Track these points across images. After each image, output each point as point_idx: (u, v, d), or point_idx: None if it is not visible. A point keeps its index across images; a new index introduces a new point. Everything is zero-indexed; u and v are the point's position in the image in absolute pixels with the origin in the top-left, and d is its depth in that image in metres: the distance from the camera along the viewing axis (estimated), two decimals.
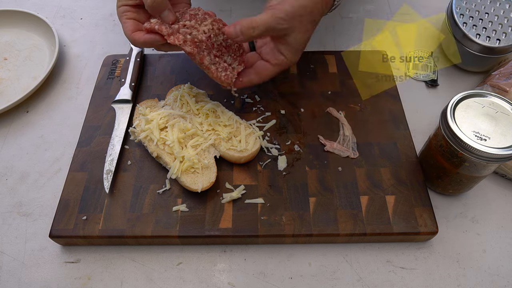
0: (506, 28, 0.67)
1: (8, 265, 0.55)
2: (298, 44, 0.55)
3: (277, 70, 0.57)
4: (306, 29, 0.54)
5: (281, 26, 0.52)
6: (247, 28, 0.52)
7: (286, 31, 0.53)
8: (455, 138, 0.49)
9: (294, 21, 0.53)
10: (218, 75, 0.56)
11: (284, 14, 0.52)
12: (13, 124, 0.69)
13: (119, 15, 0.57)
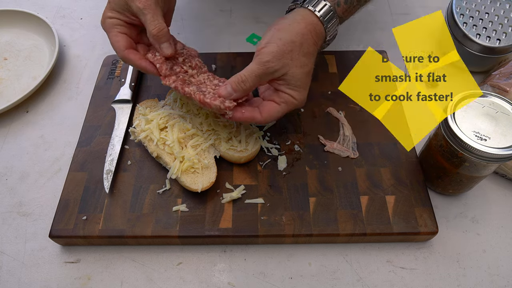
0: (506, 28, 0.67)
1: (8, 265, 0.55)
2: (297, 81, 0.52)
3: (284, 109, 0.53)
4: (302, 63, 0.52)
5: (271, 69, 0.51)
6: (237, 84, 0.51)
7: (279, 71, 0.51)
8: (455, 138, 0.49)
9: (284, 59, 0.51)
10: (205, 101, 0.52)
11: (271, 56, 0.50)
12: (13, 124, 0.69)
13: (108, 26, 0.55)
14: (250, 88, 0.52)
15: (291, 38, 0.52)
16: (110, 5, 0.55)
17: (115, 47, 0.55)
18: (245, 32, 0.81)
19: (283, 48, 0.51)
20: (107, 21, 0.55)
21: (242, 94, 0.52)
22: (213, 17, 0.85)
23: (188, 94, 0.53)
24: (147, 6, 0.52)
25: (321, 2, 0.54)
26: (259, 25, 0.82)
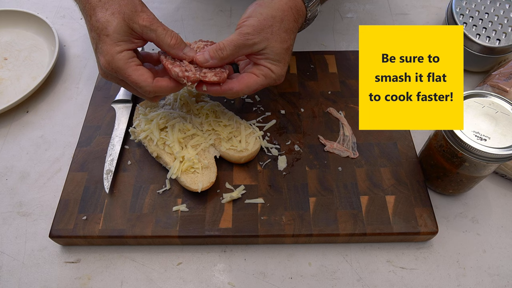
0: (506, 28, 0.68)
1: (8, 265, 0.55)
2: (276, 55, 0.52)
3: (262, 81, 0.53)
4: (282, 39, 0.52)
5: (251, 41, 0.51)
6: (214, 51, 0.51)
7: (259, 45, 0.51)
8: (455, 138, 0.49)
9: (264, 33, 0.51)
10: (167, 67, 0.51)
11: (251, 29, 0.51)
12: (13, 124, 0.69)
13: (123, 63, 0.48)
14: (227, 56, 0.51)
15: (272, 13, 0.52)
16: (112, 39, 0.48)
17: (143, 83, 0.49)
18: None
19: (263, 22, 0.51)
20: (118, 57, 0.48)
21: (218, 62, 0.52)
22: (213, 17, 0.85)
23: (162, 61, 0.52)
24: (153, 21, 0.49)
25: None
26: None
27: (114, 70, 0.49)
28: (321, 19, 0.84)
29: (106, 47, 0.48)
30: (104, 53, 0.48)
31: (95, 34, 0.48)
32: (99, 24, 0.47)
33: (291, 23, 0.53)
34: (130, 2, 0.49)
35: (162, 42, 0.50)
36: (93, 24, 0.48)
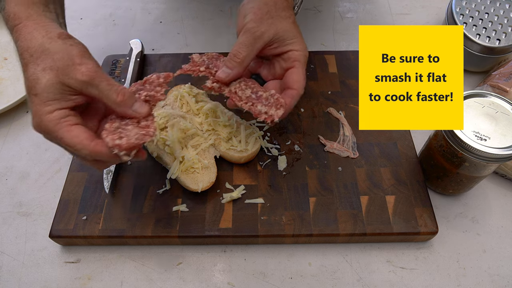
0: (506, 28, 0.68)
1: (8, 265, 0.55)
2: (289, 32, 0.51)
3: (301, 67, 0.52)
4: (284, 16, 0.51)
5: (259, 32, 0.49)
6: (230, 60, 0.50)
7: (268, 33, 0.50)
8: (455, 138, 0.49)
9: (265, 20, 0.50)
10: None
11: (253, 22, 0.50)
12: (13, 124, 0.69)
13: (53, 124, 0.41)
14: (244, 59, 0.50)
15: (263, 1, 0.51)
16: (40, 98, 0.41)
17: (78, 146, 0.41)
18: None
19: (259, 12, 0.50)
20: (47, 118, 0.41)
21: (239, 68, 0.50)
22: (213, 17, 0.85)
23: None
24: (94, 75, 0.42)
25: None
26: None
27: (45, 133, 0.42)
28: (321, 19, 0.84)
29: (34, 107, 0.41)
30: (33, 114, 0.41)
31: (26, 93, 0.42)
32: (28, 82, 0.41)
33: (284, 1, 0.53)
34: (66, 54, 0.42)
35: (106, 99, 0.43)
36: (24, 82, 0.42)
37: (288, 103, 0.50)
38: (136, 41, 0.74)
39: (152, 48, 0.79)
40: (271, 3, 0.51)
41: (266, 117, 0.50)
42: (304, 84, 0.52)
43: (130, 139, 0.43)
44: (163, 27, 0.83)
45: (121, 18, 0.85)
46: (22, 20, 0.44)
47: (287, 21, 0.52)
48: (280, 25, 0.51)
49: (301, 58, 0.52)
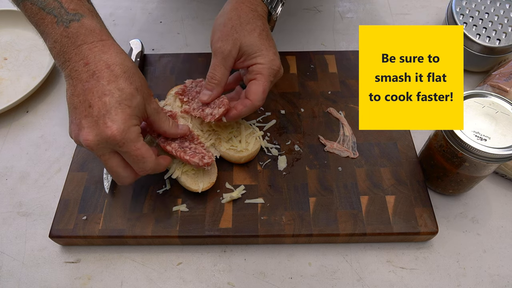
0: (506, 28, 0.68)
1: (8, 265, 0.55)
2: (253, 46, 0.52)
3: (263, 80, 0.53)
4: (249, 30, 0.53)
5: (225, 50, 0.52)
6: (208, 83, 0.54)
7: (234, 49, 0.52)
8: (455, 138, 0.49)
9: (230, 36, 0.52)
10: (184, 159, 0.53)
11: (219, 41, 0.52)
12: (13, 124, 0.69)
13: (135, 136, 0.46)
14: (221, 79, 0.54)
15: (227, 16, 0.53)
16: (132, 111, 0.45)
17: (150, 158, 0.47)
18: None
19: (224, 29, 0.53)
20: (133, 129, 0.45)
21: (218, 89, 0.54)
22: (213, 17, 0.84)
23: (170, 152, 0.54)
24: (159, 107, 0.51)
25: None
26: None
27: (122, 141, 0.44)
28: (321, 19, 0.84)
29: (124, 116, 0.44)
30: (119, 122, 0.44)
31: (112, 99, 0.44)
32: (121, 93, 0.45)
33: (250, 13, 0.54)
34: (146, 85, 0.49)
35: (163, 124, 0.51)
36: (110, 90, 0.44)
37: (239, 110, 0.54)
38: (136, 41, 0.74)
39: (152, 48, 0.79)
40: (235, 17, 0.53)
41: (211, 117, 0.54)
42: (262, 96, 0.53)
43: (210, 157, 0.54)
44: (163, 27, 0.83)
45: (121, 18, 0.85)
46: (101, 35, 0.47)
47: (252, 34, 0.53)
48: (245, 39, 0.52)
49: (263, 71, 0.53)
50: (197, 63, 0.73)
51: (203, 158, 0.53)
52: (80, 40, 0.46)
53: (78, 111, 0.45)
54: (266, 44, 0.53)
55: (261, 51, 0.53)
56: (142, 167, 0.47)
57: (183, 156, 0.53)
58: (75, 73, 0.45)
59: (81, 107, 0.44)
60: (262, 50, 0.53)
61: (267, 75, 0.53)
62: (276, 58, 0.54)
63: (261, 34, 0.53)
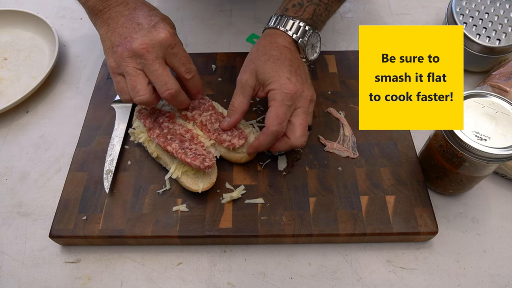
0: (506, 28, 0.68)
1: (8, 265, 0.55)
2: (266, 73, 0.54)
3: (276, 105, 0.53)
4: (264, 59, 0.55)
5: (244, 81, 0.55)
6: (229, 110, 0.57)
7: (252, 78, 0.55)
8: (455, 138, 0.49)
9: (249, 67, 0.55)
10: (186, 161, 0.54)
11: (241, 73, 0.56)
12: (13, 124, 0.69)
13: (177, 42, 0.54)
14: (238, 106, 0.56)
15: (251, 51, 0.58)
16: (173, 26, 0.55)
17: (170, 79, 0.53)
18: (245, 32, 0.81)
19: (245, 62, 0.57)
20: (178, 39, 0.55)
21: (235, 115, 0.56)
22: (213, 17, 0.85)
23: (170, 153, 0.55)
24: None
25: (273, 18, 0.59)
26: (259, 25, 0.82)
27: (174, 42, 0.53)
28: None
29: (170, 27, 0.54)
30: (168, 28, 0.53)
31: (156, 18, 0.54)
32: (162, 15, 0.55)
33: (268, 45, 0.56)
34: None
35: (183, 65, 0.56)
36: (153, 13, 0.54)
37: (260, 139, 0.55)
38: None
39: None
40: (254, 50, 0.57)
41: (229, 144, 0.57)
42: (277, 121, 0.53)
43: (211, 160, 0.54)
44: None
45: None
46: None
47: (266, 63, 0.54)
48: (259, 68, 0.55)
49: (276, 96, 0.53)
50: (197, 63, 0.72)
51: (204, 161, 0.53)
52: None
53: (126, 33, 0.52)
54: (278, 71, 0.54)
55: (274, 77, 0.54)
56: (190, 67, 0.55)
57: (184, 158, 0.53)
58: (116, 14, 0.54)
59: (128, 29, 0.52)
60: (274, 76, 0.54)
61: (279, 99, 0.53)
62: (287, 82, 0.53)
63: (275, 62, 0.54)
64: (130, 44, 0.51)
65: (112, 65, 0.53)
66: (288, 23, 0.57)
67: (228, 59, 0.73)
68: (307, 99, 0.55)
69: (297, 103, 0.54)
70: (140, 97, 0.52)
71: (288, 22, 0.57)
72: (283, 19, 0.57)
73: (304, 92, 0.55)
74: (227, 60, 0.73)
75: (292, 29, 0.57)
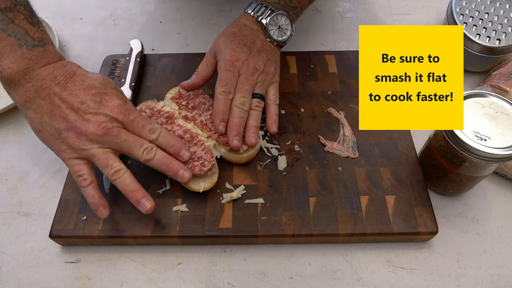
0: (506, 28, 0.68)
1: (8, 265, 0.55)
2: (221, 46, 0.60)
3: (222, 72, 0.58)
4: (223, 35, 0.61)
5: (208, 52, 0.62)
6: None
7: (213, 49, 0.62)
8: (455, 138, 0.49)
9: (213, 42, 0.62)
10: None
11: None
12: (13, 124, 0.69)
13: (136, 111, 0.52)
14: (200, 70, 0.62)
15: None
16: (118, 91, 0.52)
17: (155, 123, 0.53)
18: None
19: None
20: (128, 103, 0.52)
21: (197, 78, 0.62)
22: (213, 17, 0.85)
23: None
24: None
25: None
26: None
27: (127, 111, 0.50)
28: (321, 19, 0.84)
29: (116, 95, 0.51)
30: (115, 99, 0.50)
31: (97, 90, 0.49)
32: (101, 83, 0.51)
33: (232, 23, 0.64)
34: None
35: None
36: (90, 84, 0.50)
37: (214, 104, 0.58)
38: (136, 41, 0.74)
39: (152, 48, 0.79)
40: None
41: (228, 147, 0.57)
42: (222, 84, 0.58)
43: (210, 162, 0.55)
44: (163, 27, 0.83)
45: (121, 18, 0.85)
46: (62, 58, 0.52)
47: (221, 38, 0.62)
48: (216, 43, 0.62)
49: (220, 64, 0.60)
50: (197, 63, 0.72)
51: (203, 166, 0.54)
52: (44, 61, 0.49)
53: (70, 117, 0.48)
54: (228, 43, 0.60)
55: (221, 49, 0.60)
56: (152, 127, 0.51)
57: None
58: (44, 91, 0.48)
59: (72, 111, 0.48)
60: (222, 48, 0.60)
61: (223, 66, 0.59)
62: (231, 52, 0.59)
63: (229, 36, 0.61)
64: (86, 127, 0.47)
65: (65, 151, 0.49)
66: (252, 5, 0.64)
67: None
68: (250, 67, 0.59)
69: (240, 70, 0.59)
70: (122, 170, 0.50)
71: (252, 5, 0.64)
72: (251, 4, 0.64)
73: (248, 61, 0.59)
74: None
75: (254, 10, 0.63)
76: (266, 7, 0.62)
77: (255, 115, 0.59)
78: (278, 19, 0.63)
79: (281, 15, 0.62)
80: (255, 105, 0.59)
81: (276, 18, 0.62)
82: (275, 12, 0.62)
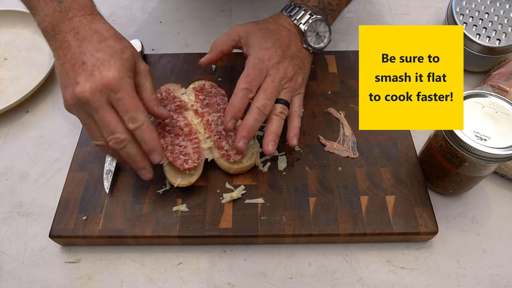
0: (506, 28, 0.68)
1: (8, 265, 0.55)
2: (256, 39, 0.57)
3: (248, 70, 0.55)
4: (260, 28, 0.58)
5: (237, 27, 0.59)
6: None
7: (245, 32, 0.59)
8: (455, 138, 0.49)
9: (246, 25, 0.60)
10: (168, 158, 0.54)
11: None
12: (13, 124, 0.69)
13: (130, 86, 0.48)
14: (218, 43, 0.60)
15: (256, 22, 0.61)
16: (123, 63, 0.47)
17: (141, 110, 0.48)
18: None
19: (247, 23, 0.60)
20: (126, 79, 0.47)
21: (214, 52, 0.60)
22: (213, 17, 0.85)
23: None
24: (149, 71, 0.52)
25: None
26: None
27: (117, 87, 0.46)
28: None
29: (117, 67, 0.47)
30: (113, 70, 0.46)
31: (104, 54, 0.47)
32: (112, 49, 0.48)
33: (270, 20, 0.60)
34: (135, 49, 0.51)
35: (146, 91, 0.51)
36: (101, 47, 0.47)
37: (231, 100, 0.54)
38: (136, 41, 0.74)
39: (152, 48, 0.79)
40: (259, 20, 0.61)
41: (225, 153, 0.56)
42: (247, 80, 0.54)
43: (194, 162, 0.54)
44: (163, 27, 0.83)
45: (121, 18, 0.85)
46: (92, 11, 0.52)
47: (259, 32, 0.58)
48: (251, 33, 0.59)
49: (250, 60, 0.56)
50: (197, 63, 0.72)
51: (186, 163, 0.54)
52: (71, 13, 0.49)
53: (71, 73, 0.47)
54: (263, 41, 0.57)
55: (255, 45, 0.57)
56: (134, 116, 0.47)
57: (169, 156, 0.54)
58: (65, 43, 0.48)
59: (74, 68, 0.47)
60: (256, 44, 0.57)
61: (251, 63, 0.55)
62: (264, 50, 0.56)
63: (266, 33, 0.58)
64: (73, 90, 0.46)
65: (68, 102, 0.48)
66: (290, 8, 0.60)
67: (228, 59, 0.73)
68: (280, 71, 0.55)
69: (269, 71, 0.55)
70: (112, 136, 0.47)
71: (292, 8, 0.60)
72: (289, 6, 0.61)
73: (279, 64, 0.56)
74: (227, 60, 0.73)
75: (293, 13, 0.60)
76: (306, 10, 0.59)
77: (279, 122, 0.54)
78: (317, 25, 0.60)
79: (320, 21, 0.59)
80: (280, 111, 0.54)
81: (315, 24, 0.59)
82: (314, 17, 0.59)
